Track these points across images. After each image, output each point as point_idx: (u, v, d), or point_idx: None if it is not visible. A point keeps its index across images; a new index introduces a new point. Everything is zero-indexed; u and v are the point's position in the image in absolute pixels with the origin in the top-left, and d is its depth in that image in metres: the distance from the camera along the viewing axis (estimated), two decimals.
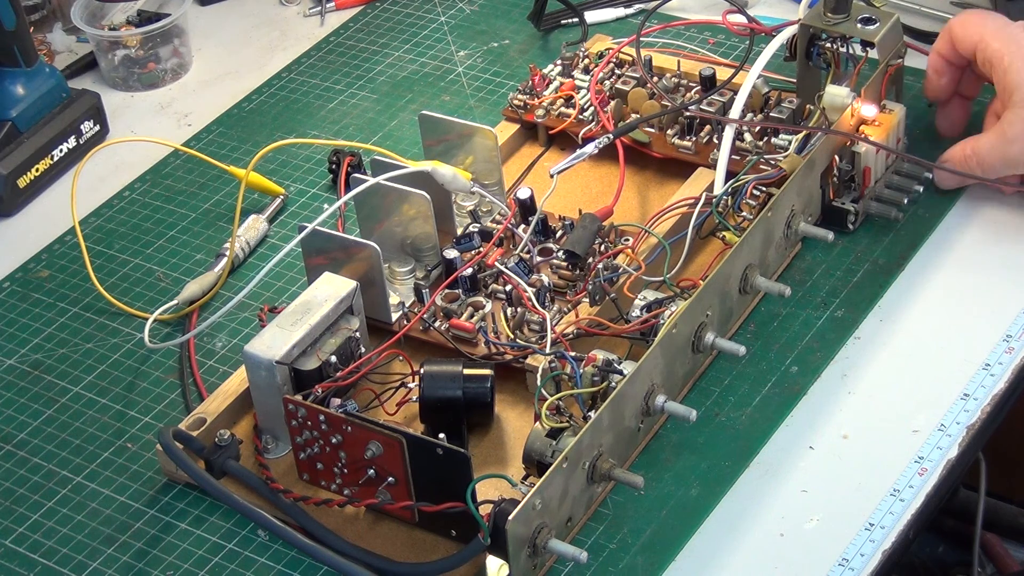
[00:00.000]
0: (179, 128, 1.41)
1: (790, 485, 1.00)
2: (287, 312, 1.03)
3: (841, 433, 1.03)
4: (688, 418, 0.98)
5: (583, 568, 0.95)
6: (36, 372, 1.15)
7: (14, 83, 1.35)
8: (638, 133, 1.23)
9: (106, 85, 1.48)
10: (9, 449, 1.09)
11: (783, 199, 1.09)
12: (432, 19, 1.52)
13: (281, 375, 1.00)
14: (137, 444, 1.08)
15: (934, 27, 1.37)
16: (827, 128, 1.13)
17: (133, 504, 1.04)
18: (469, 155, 1.18)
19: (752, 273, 1.07)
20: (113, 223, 1.30)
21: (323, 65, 1.47)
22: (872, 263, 1.15)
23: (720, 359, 1.08)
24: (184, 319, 1.18)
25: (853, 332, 1.10)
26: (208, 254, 1.25)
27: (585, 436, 0.93)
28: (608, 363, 0.98)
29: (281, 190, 1.30)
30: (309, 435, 0.97)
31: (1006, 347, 1.07)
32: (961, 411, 1.03)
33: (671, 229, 1.14)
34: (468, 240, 1.13)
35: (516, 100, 1.29)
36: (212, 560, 0.99)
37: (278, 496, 0.99)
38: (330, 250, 1.09)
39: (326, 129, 1.38)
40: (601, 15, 1.46)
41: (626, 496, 0.99)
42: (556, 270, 1.11)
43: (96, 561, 1.00)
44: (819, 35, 1.19)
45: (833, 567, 0.94)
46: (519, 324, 1.07)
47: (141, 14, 1.49)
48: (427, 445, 0.93)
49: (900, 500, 0.97)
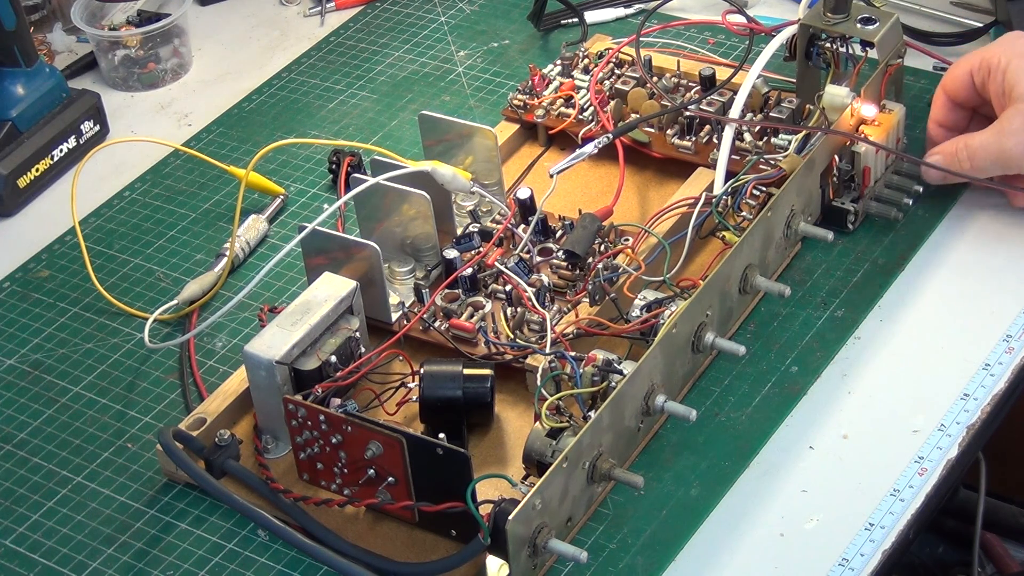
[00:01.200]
0: (179, 128, 1.41)
1: (790, 485, 1.00)
2: (287, 312, 1.03)
3: (841, 433, 1.03)
4: (688, 418, 0.98)
5: (583, 568, 0.95)
6: (36, 372, 1.15)
7: (14, 83, 1.35)
8: (638, 133, 1.23)
9: (106, 85, 1.48)
10: (9, 449, 1.09)
11: (783, 199, 1.09)
12: (432, 19, 1.52)
13: (281, 375, 1.00)
14: (137, 444, 1.08)
15: (934, 27, 1.38)
16: (826, 128, 1.13)
17: (133, 504, 1.04)
18: (469, 155, 1.18)
19: (752, 273, 1.07)
20: (113, 223, 1.30)
21: (323, 65, 1.47)
22: (872, 263, 1.15)
23: (720, 359, 1.08)
24: (184, 319, 1.18)
25: (853, 332, 1.10)
26: (208, 254, 1.25)
27: (585, 436, 0.93)
28: (608, 363, 0.98)
29: (281, 190, 1.30)
30: (309, 435, 0.97)
31: (1006, 347, 1.07)
32: (961, 411, 1.03)
33: (671, 229, 1.14)
34: (468, 240, 1.13)
35: (516, 100, 1.29)
36: (212, 560, 0.99)
37: (278, 496, 0.99)
38: (330, 250, 1.09)
39: (326, 129, 1.38)
40: (601, 15, 1.46)
41: (626, 496, 0.99)
42: (556, 270, 1.11)
43: (96, 561, 1.00)
44: (819, 35, 1.19)
45: (833, 567, 0.94)
46: (519, 324, 1.07)
47: (141, 14, 1.49)
48: (427, 445, 0.93)
49: (900, 500, 0.97)
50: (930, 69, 1.34)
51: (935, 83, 1.31)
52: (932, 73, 1.33)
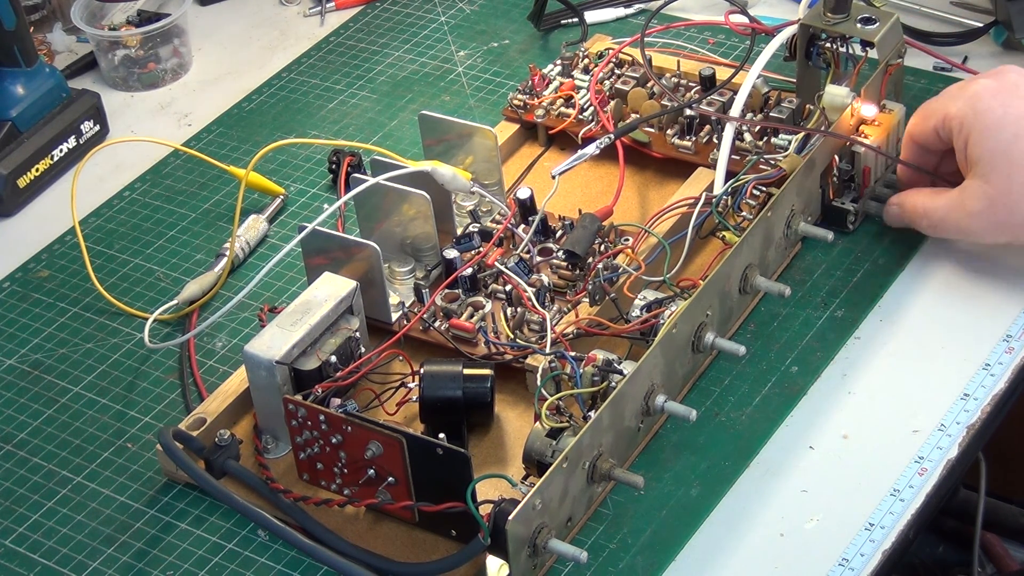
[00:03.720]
0: (179, 128, 1.41)
1: (790, 485, 1.00)
2: (287, 312, 1.03)
3: (841, 433, 1.03)
4: (688, 418, 0.98)
5: (583, 568, 0.95)
6: (36, 372, 1.15)
7: (14, 83, 1.35)
8: (638, 133, 1.23)
9: (106, 85, 1.48)
10: (9, 449, 1.09)
11: (783, 199, 1.09)
12: (432, 19, 1.52)
13: (281, 375, 1.00)
14: (137, 444, 1.08)
15: (934, 27, 1.38)
16: (823, 130, 1.13)
17: (133, 504, 1.04)
18: (469, 155, 1.18)
19: (752, 273, 1.07)
20: (113, 223, 1.30)
21: (323, 65, 1.47)
22: (872, 263, 1.15)
23: (720, 359, 1.08)
24: (184, 319, 1.18)
25: (853, 332, 1.10)
26: (208, 254, 1.25)
27: (585, 436, 0.93)
28: (608, 363, 0.98)
29: (281, 190, 1.30)
30: (309, 435, 0.97)
31: (1006, 347, 1.07)
32: (961, 411, 1.03)
33: (671, 229, 1.14)
34: (468, 240, 1.13)
35: (516, 100, 1.29)
36: (212, 560, 0.99)
37: (278, 496, 0.99)
38: (330, 250, 1.09)
39: (326, 129, 1.38)
40: (601, 15, 1.46)
41: (626, 496, 0.99)
42: (556, 270, 1.11)
43: (96, 561, 1.00)
44: (819, 35, 1.19)
45: (833, 567, 0.94)
46: (519, 324, 1.06)
47: (141, 14, 1.49)
48: (427, 445, 0.93)
49: (900, 500, 0.97)
50: (930, 69, 1.34)
51: (935, 83, 1.31)
52: (932, 73, 1.34)
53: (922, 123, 1.12)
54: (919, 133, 1.13)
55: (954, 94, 1.10)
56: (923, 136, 1.12)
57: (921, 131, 1.13)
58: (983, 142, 1.06)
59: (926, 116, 1.12)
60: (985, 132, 1.06)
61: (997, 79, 1.09)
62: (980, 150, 1.07)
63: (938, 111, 1.11)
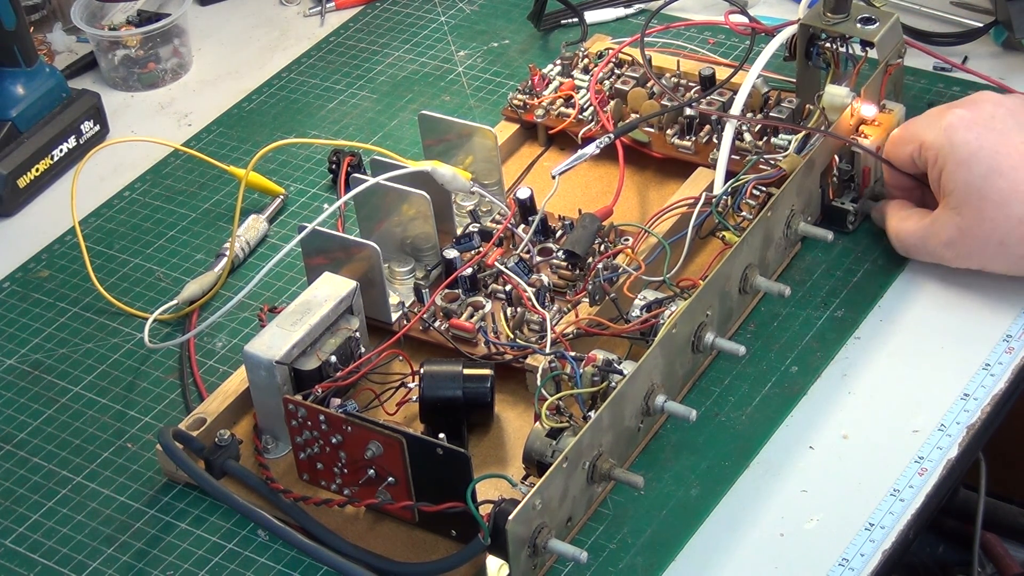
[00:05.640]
0: (179, 128, 1.41)
1: (790, 485, 1.00)
2: (287, 312, 1.03)
3: (841, 433, 1.03)
4: (688, 418, 0.98)
5: (583, 568, 0.95)
6: (36, 372, 1.15)
7: (14, 83, 1.35)
8: (638, 133, 1.23)
9: (106, 85, 1.48)
10: (9, 449, 1.09)
11: (783, 199, 1.09)
12: (432, 19, 1.52)
13: (281, 375, 1.00)
14: (137, 444, 1.08)
15: (934, 27, 1.38)
16: (823, 130, 1.13)
17: (133, 504, 1.04)
18: (469, 155, 1.18)
19: (752, 273, 1.07)
20: (113, 223, 1.30)
21: (323, 65, 1.47)
22: (872, 263, 1.15)
23: (720, 359, 1.08)
24: (184, 319, 1.18)
25: (853, 332, 1.10)
26: (208, 254, 1.25)
27: (585, 436, 0.93)
28: (608, 363, 0.98)
29: (281, 190, 1.30)
30: (309, 435, 0.97)
31: (1006, 347, 1.07)
32: (961, 411, 1.03)
33: (671, 229, 1.14)
34: (468, 240, 1.13)
35: (516, 100, 1.29)
36: (212, 560, 0.99)
37: (278, 496, 0.99)
38: (330, 250, 1.09)
39: (326, 129, 1.38)
40: (601, 15, 1.46)
41: (626, 496, 0.99)
42: (556, 270, 1.11)
43: (96, 561, 1.00)
44: (819, 35, 1.19)
45: (833, 567, 0.94)
46: (519, 324, 1.07)
47: (141, 14, 1.49)
48: (427, 445, 0.93)
49: (900, 500, 0.97)
50: (930, 69, 1.34)
51: (935, 83, 1.31)
52: (932, 73, 1.33)
53: (899, 149, 1.13)
54: (895, 158, 1.13)
55: (930, 121, 1.10)
56: (899, 162, 1.13)
57: (896, 157, 1.13)
58: (956, 175, 1.07)
59: (902, 142, 1.12)
60: (959, 166, 1.07)
61: (972, 109, 1.09)
62: (953, 183, 1.07)
63: (914, 138, 1.11)
